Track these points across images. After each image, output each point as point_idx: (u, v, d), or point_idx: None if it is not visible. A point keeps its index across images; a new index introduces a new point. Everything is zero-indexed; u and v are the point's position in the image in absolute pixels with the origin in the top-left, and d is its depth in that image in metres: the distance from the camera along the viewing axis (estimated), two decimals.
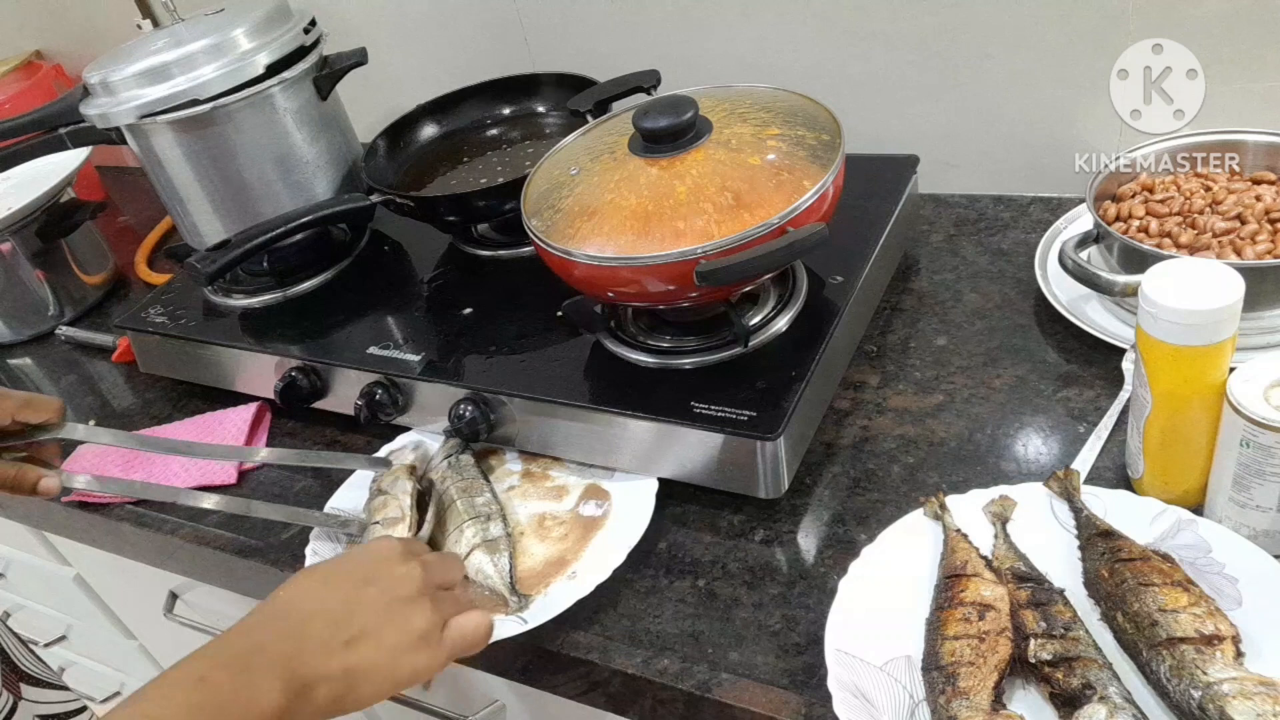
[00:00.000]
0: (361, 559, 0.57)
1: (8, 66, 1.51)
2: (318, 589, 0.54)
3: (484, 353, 0.83)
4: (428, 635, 0.54)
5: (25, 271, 1.16)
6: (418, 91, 1.09)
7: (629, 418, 0.72)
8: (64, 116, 0.95)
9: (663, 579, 0.69)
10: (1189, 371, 0.57)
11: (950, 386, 0.77)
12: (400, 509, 0.73)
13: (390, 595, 0.54)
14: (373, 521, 0.74)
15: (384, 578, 0.55)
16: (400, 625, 0.53)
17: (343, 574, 0.56)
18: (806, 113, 0.75)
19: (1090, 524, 0.61)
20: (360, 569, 0.56)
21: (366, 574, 0.55)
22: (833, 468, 0.73)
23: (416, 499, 0.75)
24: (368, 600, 0.54)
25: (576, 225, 0.71)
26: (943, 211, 0.98)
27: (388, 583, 0.55)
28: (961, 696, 0.52)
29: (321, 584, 0.55)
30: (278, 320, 0.96)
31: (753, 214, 0.67)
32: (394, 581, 0.55)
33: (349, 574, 0.55)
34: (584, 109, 0.93)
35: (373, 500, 0.76)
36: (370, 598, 0.54)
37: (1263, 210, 0.75)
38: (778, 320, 0.76)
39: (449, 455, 0.80)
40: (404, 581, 0.55)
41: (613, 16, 1.09)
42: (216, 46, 0.90)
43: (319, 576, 0.55)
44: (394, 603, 0.54)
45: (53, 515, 0.95)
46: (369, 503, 0.76)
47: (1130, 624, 0.54)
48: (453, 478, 0.77)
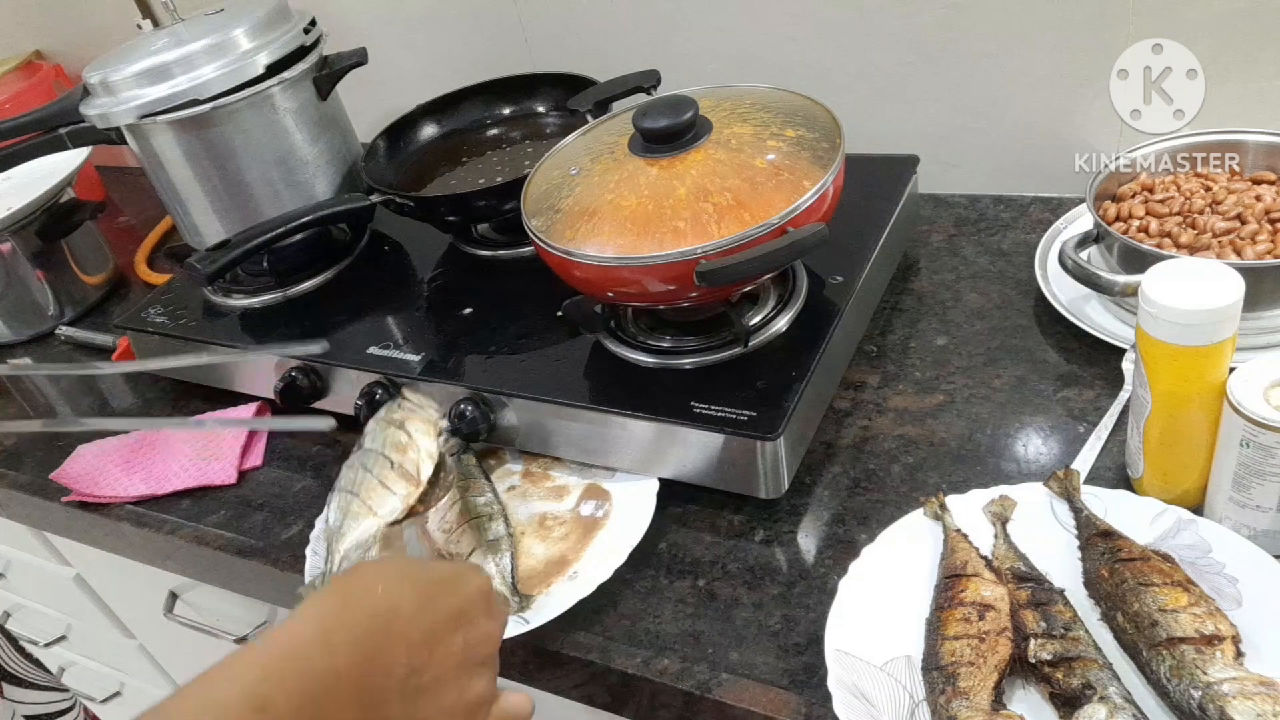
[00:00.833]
0: (460, 589, 0.49)
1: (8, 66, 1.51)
2: (414, 613, 0.46)
3: (484, 353, 0.83)
4: (478, 709, 0.48)
5: (25, 271, 1.16)
6: (418, 91, 1.09)
7: (629, 418, 0.72)
8: (64, 116, 0.95)
9: (663, 579, 0.69)
10: (1189, 371, 0.57)
11: (950, 386, 0.77)
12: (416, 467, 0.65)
13: (468, 652, 0.48)
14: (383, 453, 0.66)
15: (470, 627, 0.48)
16: (462, 688, 0.47)
17: (440, 603, 0.48)
18: (806, 113, 0.75)
19: (1090, 524, 0.61)
20: (455, 603, 0.48)
21: (458, 613, 0.48)
22: (833, 468, 0.73)
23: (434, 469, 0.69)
24: (450, 649, 0.47)
25: (576, 225, 0.71)
26: (943, 211, 0.98)
27: (472, 635, 0.48)
28: (961, 696, 0.52)
29: (419, 608, 0.47)
30: (278, 320, 0.96)
31: (753, 214, 0.67)
32: (478, 636, 0.49)
33: (445, 607, 0.48)
34: (584, 109, 0.93)
35: (388, 432, 0.67)
36: (453, 648, 0.47)
37: (1263, 210, 0.75)
38: (778, 320, 0.76)
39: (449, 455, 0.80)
40: (484, 641, 0.49)
41: (613, 16, 1.09)
42: (216, 46, 0.90)
43: (419, 593, 0.47)
44: (468, 662, 0.48)
45: (53, 515, 0.95)
46: (382, 432, 0.67)
47: (1130, 624, 0.54)
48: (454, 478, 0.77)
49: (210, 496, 0.88)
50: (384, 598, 0.46)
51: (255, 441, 0.92)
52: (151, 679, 1.37)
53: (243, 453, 0.90)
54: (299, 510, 0.83)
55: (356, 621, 0.44)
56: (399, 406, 0.71)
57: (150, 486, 0.89)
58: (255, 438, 0.92)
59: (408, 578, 0.48)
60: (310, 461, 0.89)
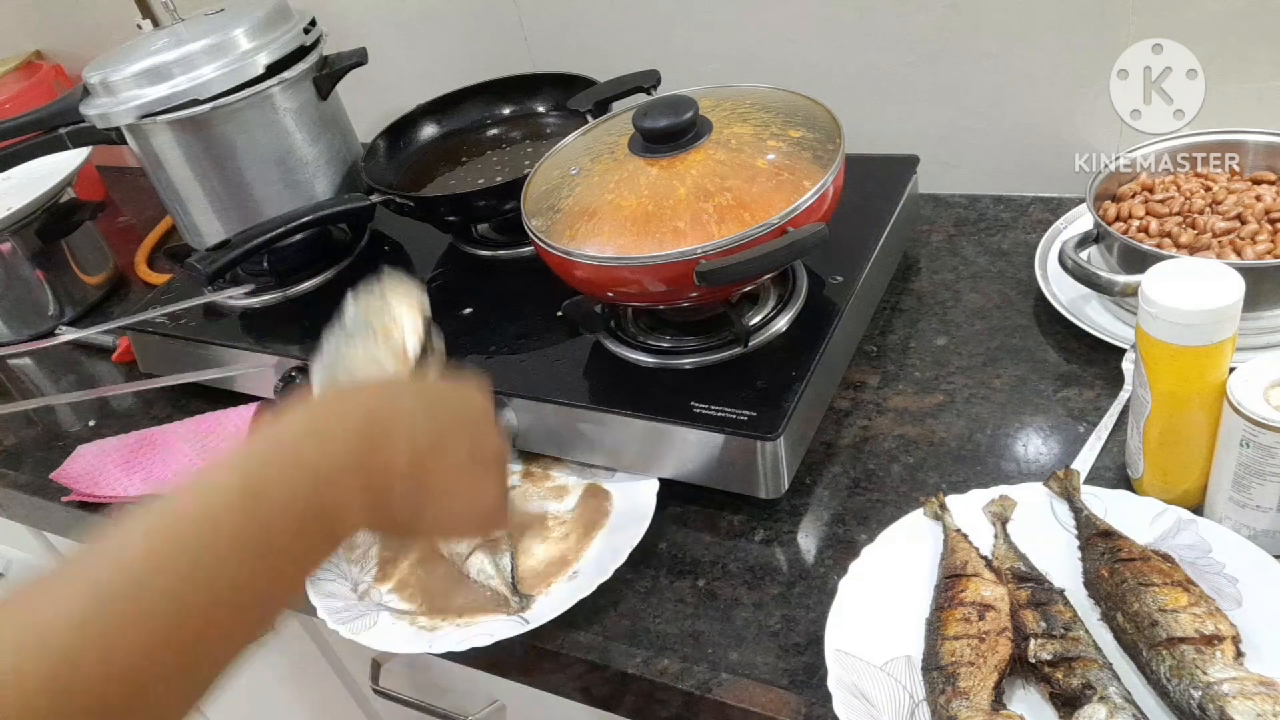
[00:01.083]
0: (463, 401, 0.49)
1: (8, 66, 1.51)
2: (417, 417, 0.45)
3: (484, 353, 0.83)
4: (492, 517, 0.50)
5: (25, 271, 1.16)
6: (418, 91, 1.09)
7: (629, 418, 0.72)
8: (64, 116, 0.95)
9: (663, 579, 0.69)
10: (1189, 371, 0.57)
11: (950, 386, 0.77)
12: (403, 345, 0.61)
13: (475, 459, 0.48)
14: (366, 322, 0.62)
15: (476, 436, 0.49)
16: (471, 495, 0.48)
17: (443, 411, 0.48)
18: (806, 113, 0.75)
19: (1090, 524, 0.61)
20: (459, 413, 0.48)
21: (462, 422, 0.48)
22: (833, 468, 0.73)
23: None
24: (456, 456, 0.47)
25: (576, 225, 0.71)
26: (943, 211, 0.98)
27: (478, 443, 0.48)
28: (961, 696, 0.52)
29: (421, 414, 0.46)
30: (278, 320, 0.96)
31: (753, 214, 0.67)
32: (484, 445, 0.49)
33: (449, 415, 0.48)
34: (584, 109, 0.93)
35: (369, 301, 0.63)
36: (459, 455, 0.47)
37: (1263, 210, 0.75)
38: (778, 320, 0.76)
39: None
40: (491, 451, 0.50)
41: (613, 16, 1.09)
42: (216, 46, 0.90)
43: (421, 401, 0.47)
44: (476, 470, 0.48)
45: (53, 515, 0.95)
46: (362, 302, 0.64)
47: (1130, 624, 0.54)
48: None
49: None
50: (382, 401, 0.45)
51: None
52: None
53: None
54: None
55: (352, 419, 0.43)
56: (380, 284, 0.67)
57: (150, 486, 0.89)
58: None
59: (409, 388, 0.48)
60: None
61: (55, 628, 0.31)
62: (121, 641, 0.32)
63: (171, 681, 0.33)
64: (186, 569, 0.34)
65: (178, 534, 0.35)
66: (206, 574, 0.35)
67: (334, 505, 0.40)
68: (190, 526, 0.36)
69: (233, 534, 0.36)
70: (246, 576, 0.37)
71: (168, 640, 0.33)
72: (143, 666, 0.32)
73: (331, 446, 0.41)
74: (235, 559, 0.36)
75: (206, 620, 0.35)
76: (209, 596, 0.35)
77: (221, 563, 0.36)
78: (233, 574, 0.36)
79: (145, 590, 0.33)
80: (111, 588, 0.32)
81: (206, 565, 0.35)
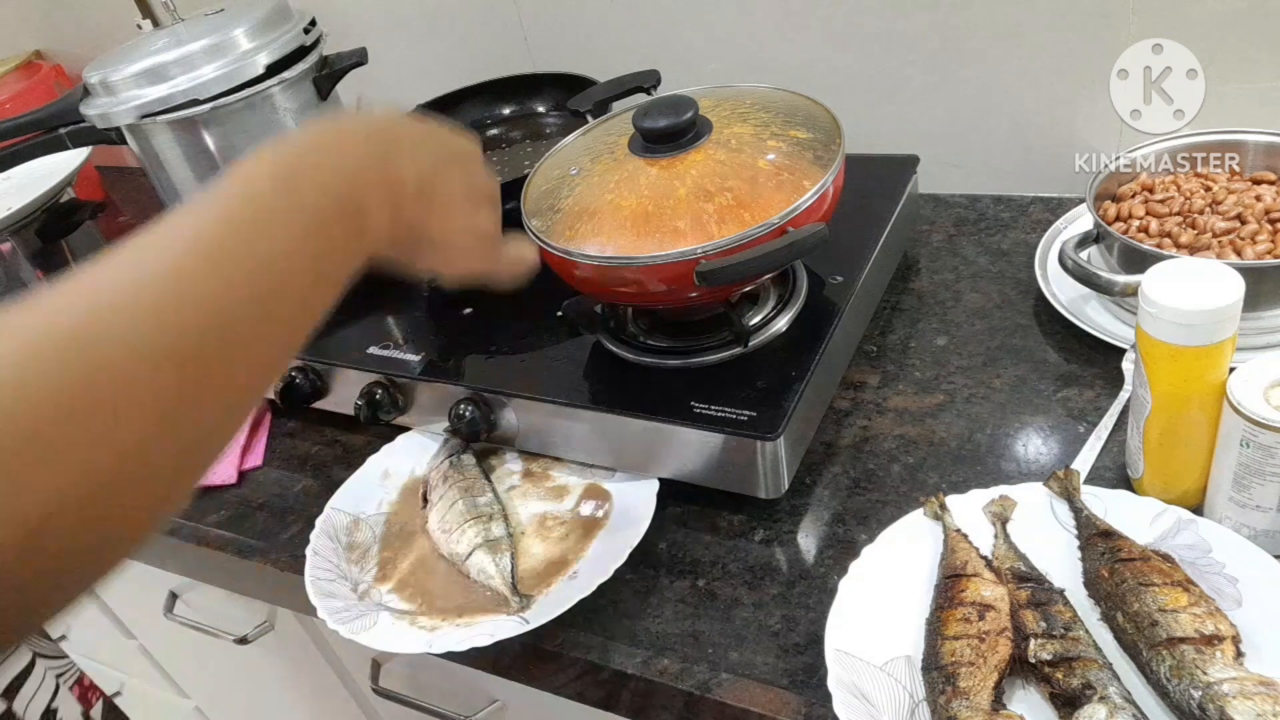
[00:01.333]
0: (455, 140, 0.53)
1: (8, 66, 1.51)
2: (416, 142, 0.49)
3: (484, 353, 0.83)
4: (486, 238, 0.54)
5: (25, 271, 1.16)
6: (418, 91, 1.09)
7: (629, 418, 0.72)
8: (64, 116, 0.95)
9: (663, 579, 0.69)
10: (1189, 371, 0.57)
11: (950, 386, 0.77)
12: None
13: (470, 186, 0.52)
14: None
15: (469, 169, 0.52)
16: (470, 215, 0.52)
17: (440, 141, 0.51)
18: (806, 113, 0.75)
19: (1090, 524, 0.61)
20: (453, 147, 0.52)
21: (456, 154, 0.52)
22: (833, 468, 0.73)
23: None
24: (453, 181, 0.50)
25: (576, 225, 0.71)
26: (943, 211, 0.98)
27: (471, 175, 0.52)
28: (961, 696, 0.52)
29: (420, 139, 0.50)
30: None
31: (753, 214, 0.67)
32: (477, 178, 0.53)
33: (446, 144, 0.52)
34: (584, 109, 0.93)
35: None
36: (455, 180, 0.51)
37: (1263, 210, 0.75)
38: (778, 320, 0.76)
39: (450, 455, 0.80)
40: (484, 183, 0.54)
41: (613, 16, 1.09)
42: (216, 46, 0.90)
43: (417, 130, 0.50)
44: (472, 195, 0.52)
45: None
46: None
47: (1130, 624, 0.54)
48: (454, 478, 0.77)
49: (210, 496, 0.88)
50: (390, 127, 0.48)
51: (255, 441, 0.92)
52: (151, 679, 1.37)
53: (243, 453, 0.90)
54: (299, 510, 0.83)
55: (366, 135, 0.47)
56: None
57: None
58: (256, 438, 0.92)
59: (411, 122, 0.51)
60: (310, 461, 0.89)
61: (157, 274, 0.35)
62: (210, 291, 0.36)
63: (248, 341, 0.38)
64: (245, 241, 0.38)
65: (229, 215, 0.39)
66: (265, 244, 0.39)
67: (361, 201, 0.44)
68: (240, 207, 0.39)
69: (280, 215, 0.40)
70: (297, 252, 0.40)
71: (247, 295, 0.37)
72: (226, 317, 0.36)
73: (354, 152, 0.45)
74: (284, 234, 0.40)
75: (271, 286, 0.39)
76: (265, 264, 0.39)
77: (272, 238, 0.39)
78: (284, 248, 0.40)
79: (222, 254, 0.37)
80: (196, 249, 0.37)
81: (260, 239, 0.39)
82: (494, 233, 0.55)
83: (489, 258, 0.56)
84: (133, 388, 0.33)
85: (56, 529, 0.31)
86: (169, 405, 0.34)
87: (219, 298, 0.36)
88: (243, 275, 0.37)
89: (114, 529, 0.33)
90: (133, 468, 0.33)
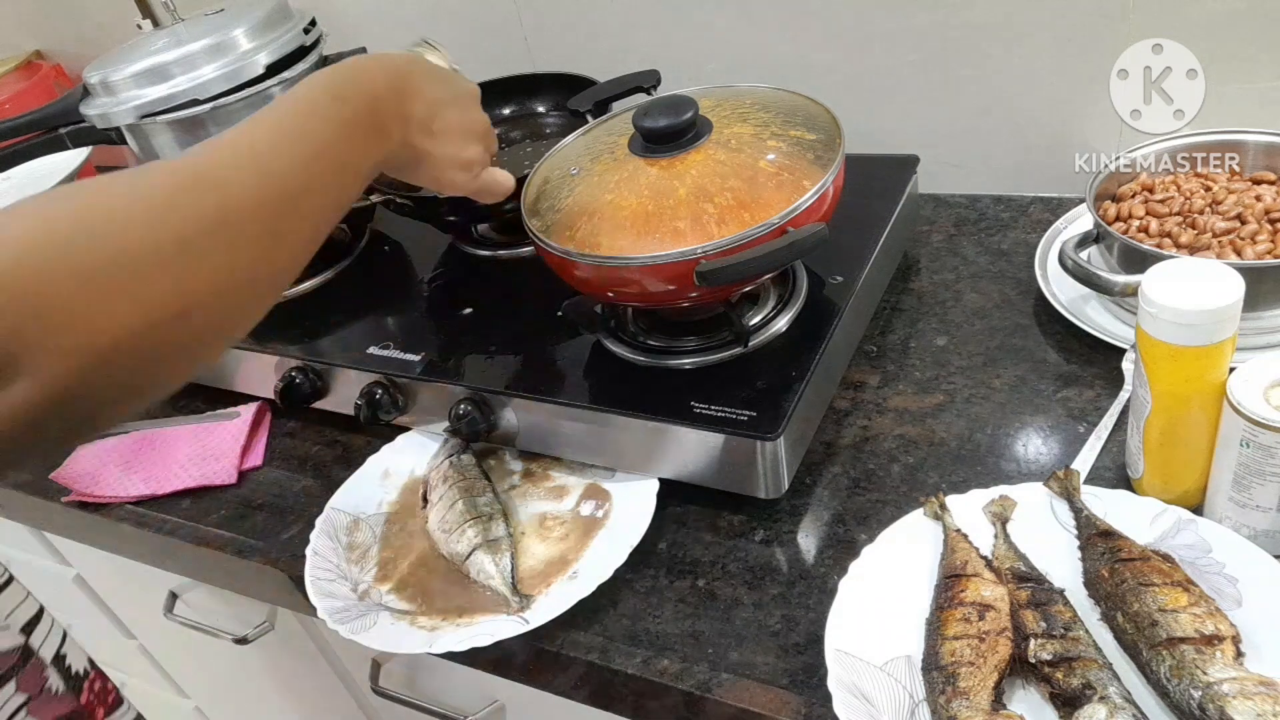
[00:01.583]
0: (454, 81, 0.67)
1: (8, 66, 1.51)
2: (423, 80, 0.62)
3: (484, 353, 0.83)
4: (471, 165, 0.67)
5: None
6: None
7: (629, 418, 0.72)
8: (64, 116, 0.95)
9: (663, 579, 0.69)
10: (1189, 371, 0.57)
11: (950, 386, 0.77)
12: None
13: (464, 122, 0.66)
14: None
15: (465, 108, 0.66)
16: (459, 147, 0.66)
17: (446, 85, 0.65)
18: (806, 113, 0.75)
19: (1090, 524, 0.61)
20: (457, 90, 0.66)
21: (456, 94, 0.66)
22: (833, 468, 0.73)
23: None
24: (451, 116, 0.65)
25: (576, 225, 0.71)
26: (943, 211, 0.98)
27: (467, 113, 0.67)
28: (961, 696, 0.52)
29: (426, 79, 0.63)
30: (278, 320, 0.96)
31: (753, 214, 0.67)
32: (472, 115, 0.67)
33: (450, 88, 0.65)
34: (584, 109, 0.93)
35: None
36: (453, 116, 0.65)
37: (1263, 210, 0.75)
38: (778, 320, 0.76)
39: (450, 455, 0.80)
40: (477, 121, 0.68)
41: (613, 16, 1.09)
42: (216, 46, 0.90)
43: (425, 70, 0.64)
44: (466, 131, 0.66)
45: (53, 515, 0.95)
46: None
47: (1130, 624, 0.54)
48: (454, 478, 0.77)
49: (210, 496, 0.88)
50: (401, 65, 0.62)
51: (255, 441, 0.92)
52: (152, 679, 1.37)
53: (243, 453, 0.90)
54: (299, 510, 0.83)
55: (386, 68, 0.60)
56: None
57: (150, 486, 0.89)
58: (256, 438, 0.92)
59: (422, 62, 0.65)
60: (310, 461, 0.89)
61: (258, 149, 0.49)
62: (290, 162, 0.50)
63: (312, 197, 0.51)
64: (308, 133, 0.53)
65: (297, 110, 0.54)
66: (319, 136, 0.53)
67: (382, 121, 0.58)
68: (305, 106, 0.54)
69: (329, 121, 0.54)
70: (345, 144, 0.55)
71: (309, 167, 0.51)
72: (300, 179, 0.50)
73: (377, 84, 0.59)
74: (334, 132, 0.54)
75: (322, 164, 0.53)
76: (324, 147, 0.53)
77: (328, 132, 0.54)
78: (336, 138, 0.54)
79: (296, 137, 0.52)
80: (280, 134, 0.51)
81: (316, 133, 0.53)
82: (479, 161, 0.69)
83: (472, 181, 0.69)
84: (251, 221, 0.46)
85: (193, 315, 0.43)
86: (268, 240, 0.47)
87: (294, 167, 0.50)
88: (308, 153, 0.51)
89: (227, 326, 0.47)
90: (244, 277, 0.46)
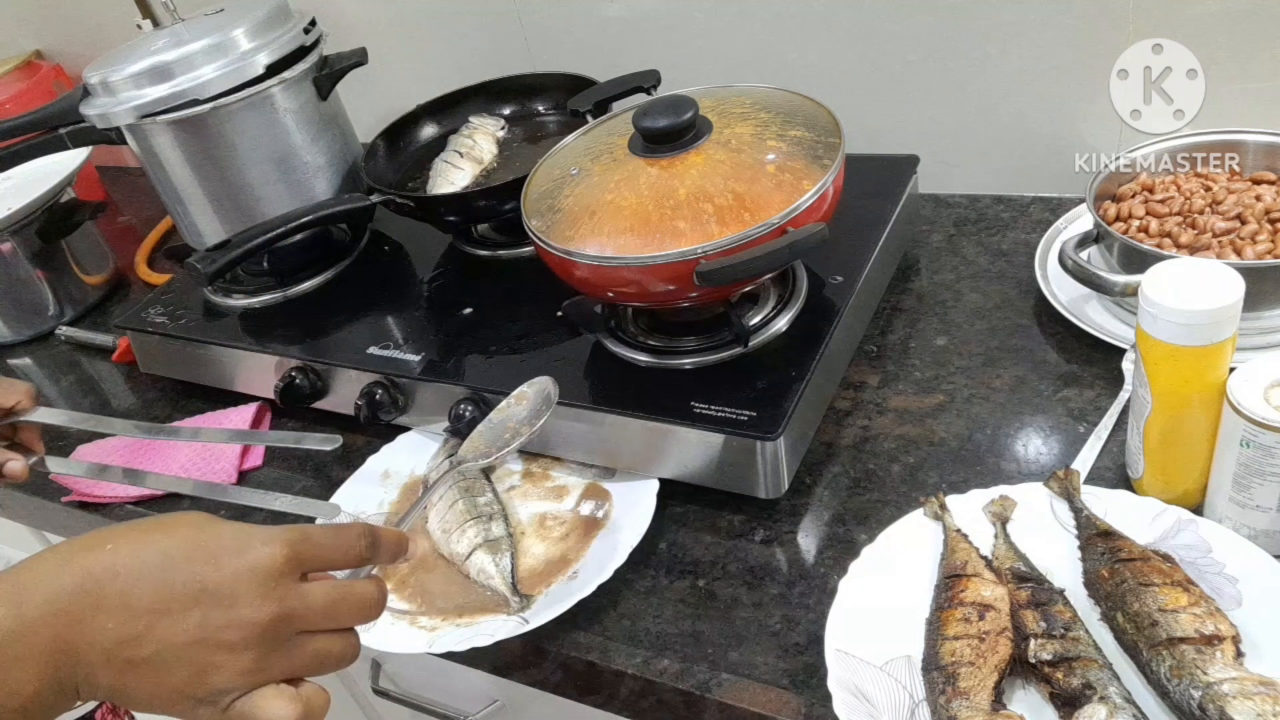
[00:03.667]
0: (223, 564, 0.44)
1: (8, 66, 1.51)
2: (138, 578, 0.43)
3: (484, 353, 0.83)
4: (215, 700, 0.43)
5: (25, 271, 1.16)
6: (418, 91, 1.09)
7: (629, 418, 0.72)
8: (64, 116, 0.95)
9: (663, 579, 0.69)
10: (1189, 371, 0.57)
11: (950, 386, 0.77)
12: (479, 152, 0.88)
13: (204, 633, 0.43)
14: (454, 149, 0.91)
15: (215, 607, 0.43)
16: (197, 671, 0.43)
17: (182, 574, 0.43)
18: (806, 113, 0.75)
19: (1090, 524, 0.61)
20: (204, 578, 0.43)
21: (203, 590, 0.43)
22: (833, 468, 0.73)
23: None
24: (181, 626, 0.43)
25: (576, 225, 0.71)
26: (943, 211, 0.98)
27: (215, 616, 0.43)
28: (961, 696, 0.52)
29: (149, 575, 0.43)
30: (278, 320, 0.96)
31: (753, 214, 0.67)
32: (224, 619, 0.43)
33: (188, 579, 0.43)
34: (584, 109, 0.93)
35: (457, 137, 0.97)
36: (185, 624, 0.43)
37: (1263, 210, 0.75)
38: (778, 320, 0.76)
39: (450, 455, 0.80)
40: (235, 626, 0.43)
41: (613, 16, 1.09)
42: (216, 46, 0.90)
43: (157, 560, 0.44)
44: (205, 644, 0.43)
45: (53, 515, 0.95)
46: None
47: (1130, 624, 0.54)
48: (454, 477, 0.77)
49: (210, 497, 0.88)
50: (105, 559, 0.43)
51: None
52: None
53: (243, 453, 0.90)
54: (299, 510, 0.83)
55: (59, 580, 0.42)
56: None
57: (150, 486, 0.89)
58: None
59: (151, 541, 0.44)
60: (310, 462, 0.89)
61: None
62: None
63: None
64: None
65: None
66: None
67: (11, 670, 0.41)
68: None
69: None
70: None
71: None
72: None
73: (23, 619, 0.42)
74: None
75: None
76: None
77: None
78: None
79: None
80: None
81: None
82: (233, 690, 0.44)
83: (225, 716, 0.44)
84: None
85: None
86: None
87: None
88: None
89: None
90: None
